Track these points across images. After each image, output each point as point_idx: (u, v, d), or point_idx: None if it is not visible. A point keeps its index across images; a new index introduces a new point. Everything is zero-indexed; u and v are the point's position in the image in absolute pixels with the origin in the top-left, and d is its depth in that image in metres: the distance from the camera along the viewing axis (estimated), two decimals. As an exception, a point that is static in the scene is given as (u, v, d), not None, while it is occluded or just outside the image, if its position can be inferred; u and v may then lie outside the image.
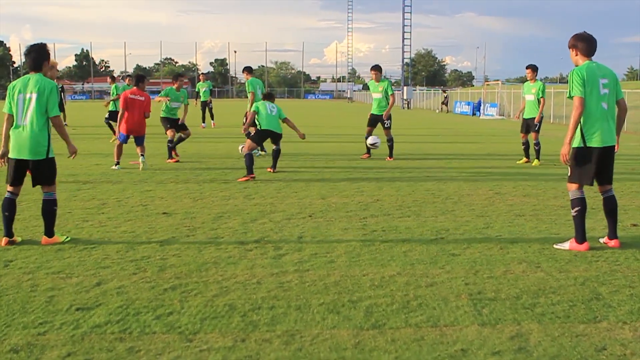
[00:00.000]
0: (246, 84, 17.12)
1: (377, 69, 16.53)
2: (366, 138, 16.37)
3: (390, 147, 16.20)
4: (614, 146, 7.05)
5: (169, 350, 4.35)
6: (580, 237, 7.02)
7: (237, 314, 5.03)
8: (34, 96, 6.99)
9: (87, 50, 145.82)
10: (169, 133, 15.81)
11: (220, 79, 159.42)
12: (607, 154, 6.99)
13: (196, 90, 30.94)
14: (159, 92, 18.90)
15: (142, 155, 13.99)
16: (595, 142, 6.90)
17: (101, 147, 18.81)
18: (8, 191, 7.23)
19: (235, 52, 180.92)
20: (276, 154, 13.52)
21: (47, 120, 7.06)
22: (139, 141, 14.10)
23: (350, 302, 5.29)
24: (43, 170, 7.15)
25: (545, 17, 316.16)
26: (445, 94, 65.04)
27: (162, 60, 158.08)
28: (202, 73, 37.40)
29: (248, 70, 17.63)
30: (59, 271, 6.14)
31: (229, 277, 5.97)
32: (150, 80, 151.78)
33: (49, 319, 4.91)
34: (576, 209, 7.03)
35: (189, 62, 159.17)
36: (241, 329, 4.72)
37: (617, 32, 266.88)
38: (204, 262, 6.46)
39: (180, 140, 16.22)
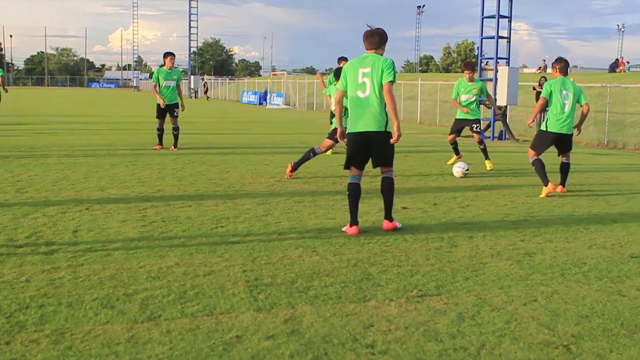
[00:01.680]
0: None
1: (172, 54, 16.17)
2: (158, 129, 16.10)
3: (176, 137, 16.01)
4: (380, 132, 7.21)
5: None
6: (352, 220, 7.33)
7: (2, 315, 4.72)
8: None
9: None
10: None
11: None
12: (367, 139, 7.26)
13: None
14: None
15: None
16: (352, 128, 7.34)
17: None
18: None
19: (11, 36, 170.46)
20: None
21: None
22: None
23: (126, 295, 5.17)
24: None
25: (331, 10, 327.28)
26: (204, 81, 66.55)
27: None
28: None
29: None
30: None
31: (-6, 276, 5.61)
32: None
33: None
34: (348, 192, 7.40)
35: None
36: (6, 331, 4.45)
37: (397, 26, 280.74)
38: (-34, 262, 6.02)
39: None
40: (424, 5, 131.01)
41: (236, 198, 9.39)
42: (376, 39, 7.32)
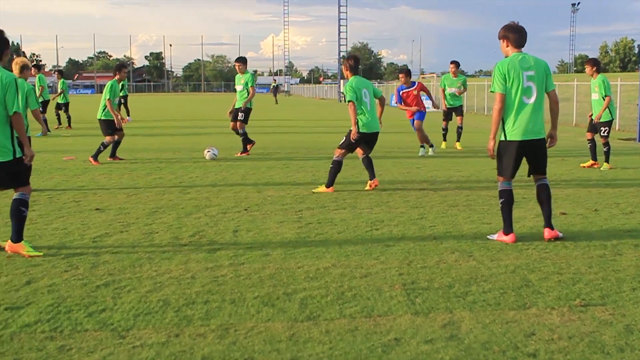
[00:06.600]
0: None
1: (239, 60, 15.80)
2: (238, 133, 15.76)
3: (243, 141, 15.71)
4: (541, 139, 7.01)
5: (101, 347, 4.29)
6: (507, 228, 7.07)
7: (170, 309, 4.99)
8: None
9: (17, 44, 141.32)
10: (109, 139, 14.01)
11: (156, 72, 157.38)
12: (532, 147, 6.97)
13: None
14: (92, 86, 18.18)
15: None
16: (514, 136, 6.91)
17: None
18: None
19: (170, 45, 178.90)
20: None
21: (9, 117, 6.34)
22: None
23: (285, 294, 5.30)
24: (13, 173, 6.44)
25: (480, 11, 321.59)
26: (274, 84, 67.43)
27: (96, 53, 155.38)
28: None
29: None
30: (-13, 270, 5.99)
31: (163, 272, 5.92)
32: (84, 75, 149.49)
33: (-24, 319, 4.79)
34: (501, 200, 7.09)
35: (124, 56, 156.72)
36: (175, 324, 4.69)
37: (548, 25, 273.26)
38: (137, 258, 6.39)
39: (118, 144, 14.49)
40: (578, 3, 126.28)
41: (390, 201, 9.40)
42: (526, 38, 7.03)
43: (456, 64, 17.46)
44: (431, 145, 16.00)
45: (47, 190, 10.42)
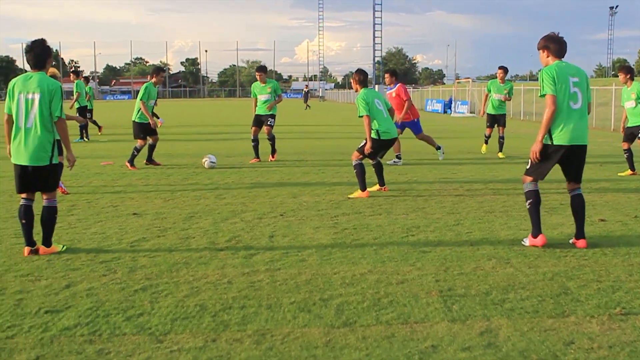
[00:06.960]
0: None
1: (262, 70, 15.90)
2: (253, 140, 15.61)
3: (272, 145, 15.75)
4: (585, 145, 6.95)
5: (139, 351, 4.33)
6: (535, 230, 7.00)
7: (207, 314, 5.02)
8: (37, 97, 6.51)
9: (56, 50, 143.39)
10: (141, 142, 14.17)
11: (192, 78, 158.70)
12: (575, 152, 6.92)
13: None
14: (129, 91, 18.34)
15: None
16: (561, 140, 6.83)
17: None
18: (22, 198, 6.78)
19: (206, 51, 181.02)
20: None
21: (52, 124, 6.62)
22: None
23: (321, 300, 5.30)
24: (45, 178, 6.70)
25: (515, 15, 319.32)
26: (306, 89, 67.32)
27: (133, 59, 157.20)
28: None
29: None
30: (28, 274, 6.08)
31: (199, 277, 5.96)
32: (121, 80, 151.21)
33: (17, 322, 4.86)
34: (529, 201, 7.02)
35: (160, 62, 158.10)
36: (212, 329, 4.71)
37: (585, 29, 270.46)
38: (174, 263, 6.44)
39: (153, 148, 14.56)
40: (617, 6, 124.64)
41: (426, 207, 9.36)
42: (566, 48, 7.05)
43: (504, 69, 17.09)
44: (397, 155, 15.26)
45: (86, 194, 10.55)
